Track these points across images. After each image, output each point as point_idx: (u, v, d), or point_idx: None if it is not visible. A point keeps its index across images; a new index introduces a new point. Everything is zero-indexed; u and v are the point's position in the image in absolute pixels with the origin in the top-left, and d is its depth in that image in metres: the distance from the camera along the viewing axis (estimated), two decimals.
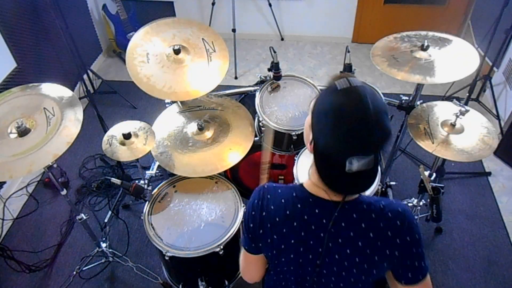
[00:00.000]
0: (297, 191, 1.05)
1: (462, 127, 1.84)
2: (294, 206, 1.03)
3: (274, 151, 2.19)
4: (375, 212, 1.00)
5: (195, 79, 1.91)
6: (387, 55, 1.98)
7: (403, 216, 1.00)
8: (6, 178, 1.46)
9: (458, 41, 2.00)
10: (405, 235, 0.99)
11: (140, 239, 2.54)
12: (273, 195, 1.06)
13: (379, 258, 1.01)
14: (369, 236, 0.99)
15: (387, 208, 1.01)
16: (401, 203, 1.05)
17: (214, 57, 1.97)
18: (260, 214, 1.06)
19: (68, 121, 1.60)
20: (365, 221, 1.00)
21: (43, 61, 3.09)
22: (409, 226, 1.00)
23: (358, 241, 1.00)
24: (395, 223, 0.99)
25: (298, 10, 4.09)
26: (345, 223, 1.00)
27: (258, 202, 1.07)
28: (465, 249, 2.45)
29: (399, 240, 0.99)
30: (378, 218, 1.00)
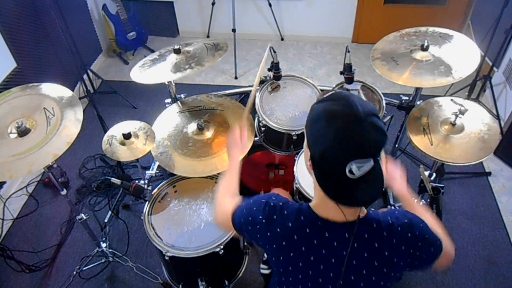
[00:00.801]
0: (305, 215, 1.01)
1: (462, 127, 1.84)
2: (303, 231, 1.00)
3: (274, 151, 2.19)
4: (386, 229, 1.00)
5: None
6: (387, 58, 1.97)
7: (411, 226, 1.01)
8: (6, 178, 1.46)
9: (458, 36, 2.00)
10: (417, 243, 1.01)
11: (140, 239, 2.54)
12: (279, 217, 1.02)
13: (395, 272, 1.02)
14: (384, 254, 0.99)
15: (396, 223, 1.01)
16: (405, 212, 1.05)
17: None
18: (264, 233, 1.03)
19: (68, 121, 1.60)
20: (378, 240, 0.99)
21: (43, 61, 3.09)
22: (420, 233, 1.01)
23: (374, 261, 1.00)
24: (406, 236, 1.00)
25: (298, 10, 4.09)
26: (357, 244, 0.99)
27: (262, 220, 1.03)
28: (465, 249, 2.45)
29: (413, 250, 1.01)
30: (390, 235, 0.99)
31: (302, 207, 1.03)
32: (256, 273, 2.32)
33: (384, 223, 1.00)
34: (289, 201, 1.06)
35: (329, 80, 3.79)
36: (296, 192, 1.95)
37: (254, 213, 1.05)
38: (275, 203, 1.04)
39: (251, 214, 1.06)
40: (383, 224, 1.00)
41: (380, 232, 0.99)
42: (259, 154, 2.34)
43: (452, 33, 2.02)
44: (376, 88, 2.18)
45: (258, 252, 2.39)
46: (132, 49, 4.08)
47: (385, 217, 1.02)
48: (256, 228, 1.04)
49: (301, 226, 1.00)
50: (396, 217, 1.02)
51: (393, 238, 0.99)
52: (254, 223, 1.04)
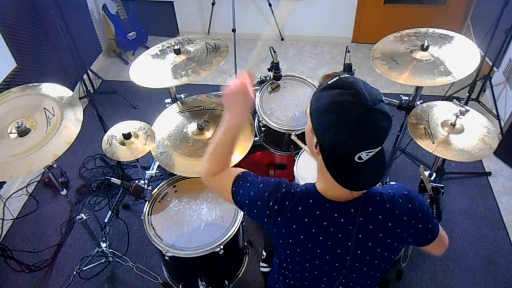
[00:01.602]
0: (314, 198, 1.03)
1: (462, 127, 1.84)
2: (312, 213, 1.02)
3: (274, 151, 2.19)
4: (388, 201, 1.03)
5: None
6: (387, 58, 1.98)
7: (411, 197, 1.05)
8: (6, 178, 1.46)
9: (458, 37, 2.00)
10: (417, 213, 1.04)
11: (140, 239, 2.54)
12: (291, 202, 1.03)
13: (398, 243, 1.06)
14: (388, 225, 1.03)
15: (397, 194, 1.04)
16: (403, 185, 1.09)
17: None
18: (275, 218, 1.04)
19: (68, 121, 1.60)
20: (381, 212, 1.02)
21: (43, 61, 3.09)
22: (418, 204, 1.05)
23: (379, 233, 1.03)
24: (407, 206, 1.04)
25: (298, 10, 4.09)
26: (363, 218, 1.02)
27: (274, 206, 1.04)
28: (465, 249, 2.45)
29: (414, 220, 1.04)
30: (393, 206, 1.03)
31: (310, 191, 1.05)
32: (256, 273, 2.32)
33: (386, 196, 1.03)
34: (297, 186, 1.07)
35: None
36: None
37: (265, 198, 1.05)
38: (287, 190, 1.05)
39: (262, 199, 1.06)
40: (385, 196, 1.03)
41: (383, 204, 1.02)
42: (259, 154, 2.34)
43: (452, 34, 2.02)
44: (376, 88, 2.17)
45: (258, 252, 2.39)
46: (132, 49, 4.08)
47: (386, 189, 1.05)
48: (265, 213, 1.06)
49: (311, 209, 1.02)
50: (396, 189, 1.06)
51: (395, 209, 1.03)
52: (264, 208, 1.05)
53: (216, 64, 1.99)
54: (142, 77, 1.97)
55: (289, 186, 1.07)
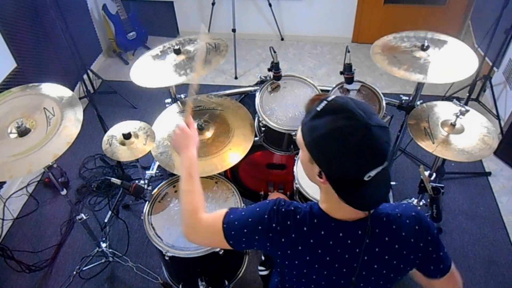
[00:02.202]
0: (318, 217, 1.01)
1: (462, 127, 1.84)
2: (318, 234, 1.00)
3: (274, 151, 2.19)
4: (395, 223, 1.00)
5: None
6: (387, 53, 1.98)
7: (419, 219, 1.02)
8: (6, 178, 1.46)
9: (456, 42, 2.01)
10: (426, 236, 1.02)
11: (140, 239, 2.54)
12: (293, 222, 1.01)
13: (405, 265, 1.03)
14: (394, 247, 1.00)
15: (404, 215, 1.02)
16: (411, 205, 1.06)
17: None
18: (278, 240, 1.02)
19: (68, 121, 1.60)
20: (388, 234, 1.00)
21: (43, 61, 3.09)
22: (426, 227, 1.03)
23: (385, 255, 1.01)
24: (414, 228, 1.01)
25: (298, 10, 4.09)
26: (369, 240, 1.00)
27: (277, 227, 1.01)
28: (465, 249, 2.45)
29: (422, 243, 1.02)
30: (399, 228, 1.00)
31: (313, 211, 1.02)
32: (256, 273, 2.32)
33: (392, 216, 1.01)
34: (298, 205, 1.04)
35: (329, 80, 3.79)
36: (296, 192, 1.95)
37: (265, 221, 1.02)
38: (287, 209, 1.02)
39: (262, 222, 1.03)
40: (392, 217, 1.01)
41: (389, 225, 1.00)
42: (259, 154, 2.33)
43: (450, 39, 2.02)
44: (376, 88, 2.17)
45: (258, 252, 2.39)
46: (132, 49, 4.08)
47: (393, 209, 1.03)
48: (268, 235, 1.02)
49: (316, 230, 1.00)
50: (404, 209, 1.03)
51: (402, 231, 1.00)
52: (266, 231, 1.02)
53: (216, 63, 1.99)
54: (142, 77, 1.97)
55: (288, 204, 1.04)
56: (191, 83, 1.43)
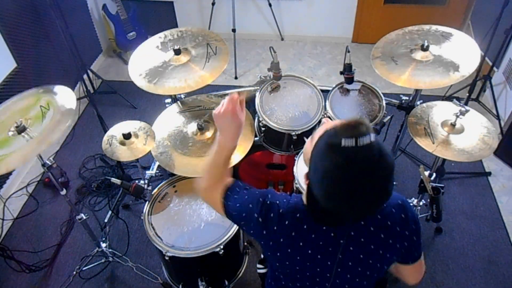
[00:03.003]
0: (301, 212, 1.01)
1: (462, 127, 1.84)
2: (300, 228, 1.00)
3: (274, 151, 2.19)
4: (380, 212, 1.01)
5: (189, 76, 1.95)
6: (386, 57, 1.98)
7: (404, 207, 1.03)
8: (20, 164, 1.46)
9: (460, 35, 1.99)
10: (411, 225, 1.03)
11: (140, 239, 2.54)
12: (275, 215, 1.01)
13: (391, 254, 1.04)
14: (380, 237, 1.01)
15: (389, 205, 1.02)
16: (397, 194, 1.05)
17: (213, 60, 2.02)
18: (260, 230, 1.03)
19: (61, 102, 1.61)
20: (373, 224, 1.00)
21: (43, 61, 3.09)
22: (411, 215, 1.03)
23: (370, 245, 1.01)
24: (400, 217, 1.02)
25: (298, 10, 4.09)
26: (354, 231, 1.00)
27: (259, 218, 1.02)
28: (465, 249, 2.45)
29: (408, 232, 1.02)
30: (385, 217, 1.01)
31: (297, 205, 1.03)
32: (256, 273, 2.31)
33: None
34: (285, 198, 1.05)
35: (329, 80, 3.79)
36: (296, 192, 1.95)
37: (249, 210, 1.04)
38: (272, 201, 1.03)
39: (246, 210, 1.05)
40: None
41: (375, 215, 1.01)
42: (259, 154, 2.33)
43: (454, 32, 2.01)
44: (376, 88, 2.18)
45: (258, 252, 2.39)
46: (132, 49, 4.05)
47: None
48: (251, 225, 1.05)
49: (298, 223, 1.01)
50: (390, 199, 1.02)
51: (388, 220, 1.01)
52: (249, 220, 1.04)
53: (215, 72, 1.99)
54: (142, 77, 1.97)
55: (274, 197, 1.04)
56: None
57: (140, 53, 2.12)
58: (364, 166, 0.79)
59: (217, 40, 2.12)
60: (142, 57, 2.09)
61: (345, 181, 0.81)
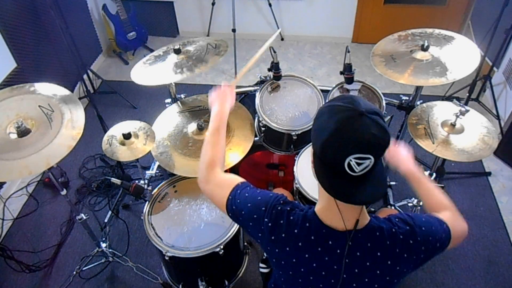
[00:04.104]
0: (310, 222, 1.00)
1: (462, 127, 1.84)
2: (307, 238, 1.00)
3: (274, 151, 2.19)
4: (388, 238, 0.99)
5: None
6: (386, 56, 1.98)
7: (413, 233, 1.01)
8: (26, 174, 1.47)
9: (461, 38, 2.00)
10: (420, 247, 1.01)
11: (140, 239, 2.54)
12: (285, 222, 1.01)
13: (398, 278, 1.02)
14: (387, 263, 0.99)
15: (398, 231, 1.00)
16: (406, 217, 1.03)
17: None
18: (268, 236, 1.03)
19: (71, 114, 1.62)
20: (380, 249, 0.99)
21: (43, 61, 3.09)
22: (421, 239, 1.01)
23: (376, 270, 1.00)
24: (408, 243, 0.99)
25: (298, 10, 4.09)
26: (360, 252, 0.99)
27: (268, 223, 1.02)
28: (465, 249, 2.44)
29: (415, 256, 1.01)
30: (393, 244, 0.99)
31: (308, 214, 1.02)
32: (256, 273, 2.32)
33: (387, 232, 0.99)
34: (296, 206, 1.04)
35: (329, 80, 3.79)
36: (296, 192, 1.95)
37: (260, 213, 1.03)
38: (283, 208, 1.03)
39: (257, 213, 1.04)
40: (386, 232, 0.99)
41: (382, 241, 0.99)
42: (259, 154, 2.33)
43: (456, 36, 2.02)
44: (376, 88, 2.18)
45: (258, 252, 2.39)
46: (132, 49, 4.08)
47: (388, 225, 1.01)
48: (260, 228, 1.04)
49: (307, 234, 1.00)
50: (398, 225, 1.02)
51: (396, 248, 0.99)
52: (258, 223, 1.03)
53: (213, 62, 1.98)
54: (142, 77, 1.97)
55: (286, 204, 1.04)
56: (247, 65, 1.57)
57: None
58: (353, 98, 0.91)
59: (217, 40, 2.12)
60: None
61: (339, 107, 0.90)
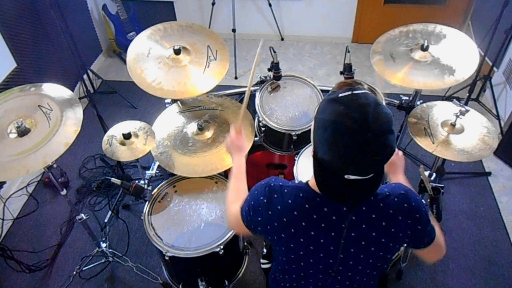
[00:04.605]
0: (304, 191, 1.03)
1: (462, 127, 1.84)
2: (302, 207, 1.02)
3: (274, 151, 2.20)
4: (382, 201, 1.01)
5: (188, 81, 1.93)
6: (386, 55, 1.98)
7: (407, 197, 1.03)
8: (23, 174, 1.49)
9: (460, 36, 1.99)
10: (414, 213, 1.03)
11: (140, 239, 2.54)
12: (279, 195, 1.04)
13: (394, 243, 1.04)
14: (382, 225, 1.01)
15: (392, 194, 1.03)
16: (401, 184, 1.07)
17: (212, 65, 1.99)
18: (266, 212, 1.05)
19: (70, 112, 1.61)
20: (375, 211, 1.01)
21: (43, 61, 3.09)
22: (415, 204, 1.03)
23: (372, 232, 1.02)
24: (402, 206, 1.02)
25: (298, 10, 4.09)
26: (355, 216, 1.01)
27: (264, 200, 1.05)
28: (465, 249, 2.45)
29: (410, 220, 1.02)
30: (387, 206, 1.01)
31: (300, 185, 1.06)
32: (256, 273, 2.32)
33: (380, 195, 1.02)
34: (288, 182, 1.09)
35: (329, 80, 3.79)
36: None
37: (256, 196, 1.08)
38: (275, 183, 1.07)
39: (254, 198, 1.09)
40: (380, 195, 1.02)
41: (376, 203, 1.01)
42: (259, 154, 2.34)
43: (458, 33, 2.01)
44: (376, 88, 2.18)
45: (258, 252, 2.39)
46: None
47: (382, 188, 1.04)
48: (259, 210, 1.06)
49: (301, 202, 1.02)
50: (392, 188, 1.05)
51: (389, 209, 1.01)
52: (257, 206, 1.07)
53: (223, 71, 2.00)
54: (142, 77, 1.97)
55: (278, 180, 1.08)
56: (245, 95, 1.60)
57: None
58: (362, 111, 0.84)
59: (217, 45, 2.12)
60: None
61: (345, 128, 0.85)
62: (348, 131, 0.84)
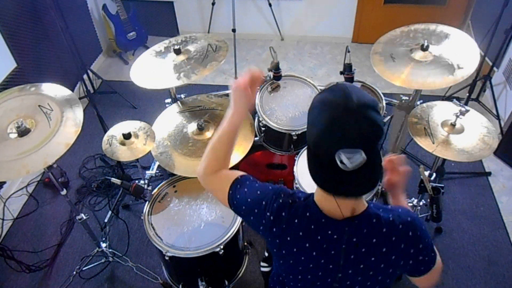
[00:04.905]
0: (311, 211, 1.01)
1: (462, 127, 1.84)
2: (308, 228, 1.00)
3: (274, 151, 2.20)
4: (385, 225, 0.99)
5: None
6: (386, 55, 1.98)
7: (414, 225, 1.00)
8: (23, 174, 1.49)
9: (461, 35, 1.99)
10: (418, 244, 1.00)
11: (140, 239, 2.54)
12: (287, 214, 1.02)
13: (393, 269, 1.02)
14: (382, 251, 0.99)
15: (397, 220, 0.99)
16: (408, 211, 1.04)
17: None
18: (270, 228, 1.03)
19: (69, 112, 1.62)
20: (376, 236, 0.98)
21: (43, 61, 3.09)
22: (421, 234, 1.00)
23: (371, 256, 1.00)
24: (407, 234, 0.99)
25: (298, 10, 4.09)
26: (356, 239, 0.99)
27: (270, 217, 1.03)
28: (465, 249, 2.45)
29: (413, 250, 1.00)
30: (390, 231, 0.98)
31: (308, 203, 1.02)
32: (256, 273, 2.32)
33: (384, 219, 0.99)
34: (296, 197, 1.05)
35: (329, 80, 3.79)
36: None
37: (261, 207, 1.04)
38: (285, 200, 1.03)
39: (258, 207, 1.05)
40: (383, 220, 0.99)
41: (379, 228, 0.99)
42: (259, 154, 2.34)
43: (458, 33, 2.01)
44: (376, 88, 2.18)
45: (258, 252, 2.39)
46: (132, 49, 4.08)
47: (387, 213, 1.01)
48: (261, 221, 1.05)
49: (307, 223, 1.01)
50: (398, 215, 1.01)
51: (392, 236, 0.99)
52: (260, 216, 1.05)
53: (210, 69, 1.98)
54: (142, 78, 1.97)
55: (287, 196, 1.04)
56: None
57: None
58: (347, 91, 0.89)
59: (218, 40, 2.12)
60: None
61: (329, 101, 0.90)
62: (333, 104, 0.89)
